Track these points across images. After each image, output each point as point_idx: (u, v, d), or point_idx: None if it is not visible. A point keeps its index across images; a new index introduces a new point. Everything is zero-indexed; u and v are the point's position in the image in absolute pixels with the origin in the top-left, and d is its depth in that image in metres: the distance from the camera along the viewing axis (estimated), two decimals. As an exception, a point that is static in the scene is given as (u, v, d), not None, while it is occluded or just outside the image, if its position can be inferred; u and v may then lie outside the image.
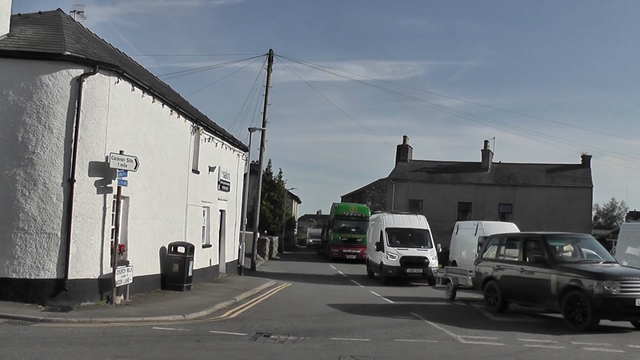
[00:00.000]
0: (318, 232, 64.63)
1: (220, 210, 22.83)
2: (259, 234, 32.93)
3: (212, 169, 21.13)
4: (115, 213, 13.68)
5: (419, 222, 26.07)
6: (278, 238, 48.35)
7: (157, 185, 16.31)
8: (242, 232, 26.09)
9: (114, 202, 13.69)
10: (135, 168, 13.75)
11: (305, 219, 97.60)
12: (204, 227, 20.94)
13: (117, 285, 13.34)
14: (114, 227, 13.72)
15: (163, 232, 16.80)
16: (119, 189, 13.58)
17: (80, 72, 13.08)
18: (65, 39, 13.69)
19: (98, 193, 13.36)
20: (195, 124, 19.20)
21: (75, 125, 12.92)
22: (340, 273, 29.28)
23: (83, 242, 12.98)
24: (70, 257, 12.71)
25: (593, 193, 42.30)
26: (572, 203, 41.58)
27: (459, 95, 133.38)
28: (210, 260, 21.16)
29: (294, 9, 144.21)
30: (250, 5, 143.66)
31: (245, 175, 27.74)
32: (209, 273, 20.75)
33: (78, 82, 13.00)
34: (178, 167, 17.93)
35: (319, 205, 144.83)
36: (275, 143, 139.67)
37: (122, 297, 13.82)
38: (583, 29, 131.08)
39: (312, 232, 72.90)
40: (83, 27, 16.65)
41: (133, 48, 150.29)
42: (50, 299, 12.50)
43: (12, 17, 14.22)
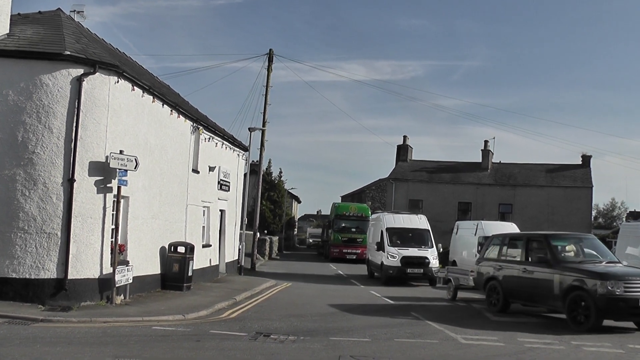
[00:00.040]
0: (318, 232, 64.65)
1: (220, 210, 22.84)
2: (259, 234, 32.94)
3: (212, 169, 21.13)
4: (115, 213, 13.68)
5: (420, 222, 25.96)
6: (278, 238, 48.36)
7: (157, 185, 16.31)
8: (242, 232, 26.09)
9: (114, 201, 13.69)
10: (135, 168, 13.75)
11: (305, 219, 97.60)
12: (204, 227, 20.94)
13: (117, 285, 13.34)
14: (114, 226, 13.73)
15: (163, 231, 16.81)
16: (119, 189, 13.58)
17: (80, 71, 13.08)
18: (65, 39, 13.69)
19: (98, 193, 13.37)
20: (195, 124, 19.20)
21: (75, 125, 12.93)
22: (340, 273, 29.29)
23: (83, 241, 12.98)
24: (70, 256, 12.71)
25: (593, 193, 42.34)
26: (572, 203, 41.57)
27: (459, 95, 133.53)
28: (210, 260, 21.17)
29: (294, 9, 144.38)
30: (250, 5, 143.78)
31: (245, 175, 27.75)
32: (209, 273, 20.76)
33: (78, 81, 13.00)
34: (178, 166, 17.93)
35: (319, 205, 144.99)
36: (275, 143, 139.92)
37: (122, 296, 13.82)
38: (583, 29, 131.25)
39: (312, 232, 72.93)
40: (83, 26, 16.64)
41: (133, 48, 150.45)
42: (50, 299, 12.50)
43: (12, 16, 14.22)
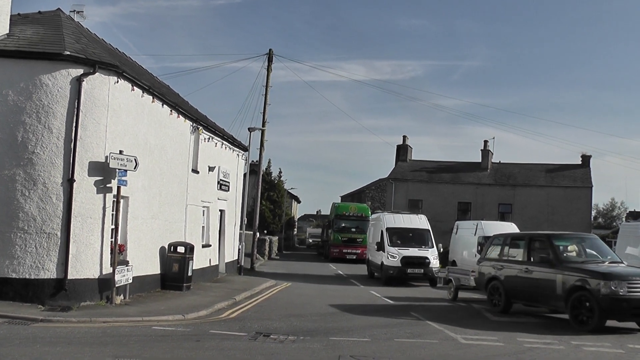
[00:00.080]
0: (318, 232, 64.67)
1: (220, 210, 22.84)
2: (259, 234, 32.93)
3: (211, 169, 21.13)
4: (115, 213, 13.68)
5: (420, 221, 25.85)
6: (278, 238, 48.36)
7: (156, 185, 16.31)
8: (241, 231, 26.09)
9: (114, 201, 13.69)
10: (135, 168, 13.75)
11: (305, 219, 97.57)
12: (204, 227, 20.94)
13: (116, 285, 13.34)
14: (114, 226, 13.73)
15: (163, 232, 16.80)
16: (119, 189, 13.58)
17: (80, 71, 13.08)
18: (65, 39, 13.69)
19: (98, 193, 13.37)
20: (195, 124, 19.20)
21: (75, 125, 12.93)
22: (340, 273, 29.29)
23: (83, 242, 12.98)
24: (70, 257, 12.71)
25: (593, 193, 42.33)
26: (571, 203, 41.57)
27: (459, 95, 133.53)
28: (210, 260, 21.16)
29: (294, 9, 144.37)
30: (250, 5, 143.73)
31: (245, 175, 27.76)
32: (209, 273, 20.76)
33: (78, 81, 13.00)
34: (178, 166, 17.93)
35: (319, 205, 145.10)
36: (275, 143, 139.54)
37: (121, 296, 13.82)
38: (583, 29, 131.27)
39: (311, 231, 72.94)
40: (83, 26, 16.64)
41: (133, 48, 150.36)
42: (50, 299, 12.50)
43: (11, 16, 14.22)
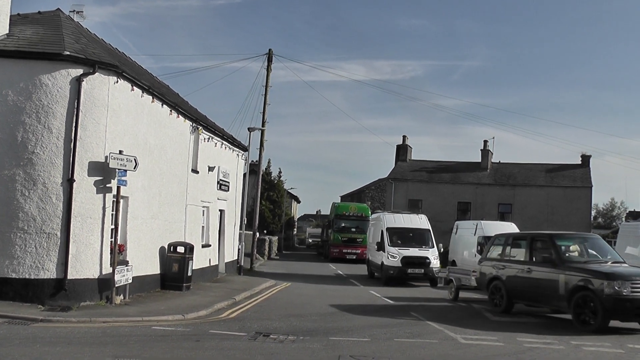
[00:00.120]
0: (317, 231, 64.67)
1: (220, 210, 22.83)
2: (258, 234, 32.92)
3: (211, 169, 21.13)
4: (115, 213, 13.68)
5: (421, 221, 25.73)
6: (277, 238, 48.36)
7: (156, 185, 16.31)
8: (241, 231, 26.08)
9: (114, 201, 13.69)
10: (135, 168, 13.75)
11: (305, 219, 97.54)
12: (204, 226, 20.94)
13: (116, 285, 13.34)
14: (114, 226, 13.73)
15: (162, 231, 16.80)
16: (119, 189, 13.58)
17: (80, 72, 13.08)
18: (65, 39, 13.68)
19: (97, 193, 13.37)
20: (195, 124, 19.20)
21: (75, 125, 12.93)
22: (340, 273, 29.28)
23: (82, 242, 12.98)
24: (70, 257, 12.71)
25: (592, 193, 42.36)
26: (571, 203, 41.58)
27: (459, 95, 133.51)
28: (210, 260, 21.16)
29: (294, 9, 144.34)
30: (250, 5, 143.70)
31: (245, 175, 27.75)
32: (209, 273, 20.76)
33: (77, 82, 13.00)
34: (177, 166, 17.93)
35: (319, 205, 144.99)
36: (275, 143, 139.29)
37: (121, 296, 13.82)
38: (583, 29, 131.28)
39: (311, 231, 72.93)
40: (82, 27, 16.64)
41: (132, 48, 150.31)
42: (50, 299, 12.50)
43: (11, 16, 14.22)
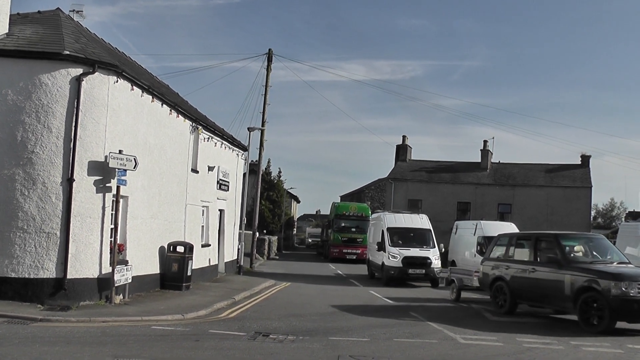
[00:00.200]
0: (317, 231, 64.71)
1: (220, 210, 22.83)
2: (258, 234, 32.93)
3: (211, 169, 21.13)
4: (115, 212, 13.68)
5: (421, 221, 25.55)
6: (277, 238, 48.38)
7: (156, 185, 16.30)
8: (241, 231, 26.08)
9: (113, 201, 13.69)
10: (135, 167, 13.75)
11: (305, 219, 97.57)
12: (203, 226, 20.94)
13: (116, 285, 13.34)
14: (113, 226, 13.73)
15: (162, 231, 16.80)
16: (118, 189, 13.58)
17: (80, 71, 13.07)
18: (65, 39, 13.68)
19: (97, 192, 13.36)
20: (195, 124, 19.19)
21: (75, 125, 12.92)
22: (340, 273, 29.28)
23: (82, 241, 12.98)
24: (70, 256, 12.70)
25: (592, 193, 42.28)
26: (571, 203, 41.56)
27: (459, 95, 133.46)
28: (209, 260, 21.16)
29: (294, 9, 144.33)
30: (250, 5, 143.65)
31: (245, 175, 27.75)
32: (208, 272, 20.76)
33: (77, 81, 13.00)
34: (177, 166, 17.93)
35: (318, 205, 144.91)
36: (275, 143, 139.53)
37: (121, 296, 13.82)
38: (583, 29, 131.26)
39: (311, 231, 72.96)
40: (82, 26, 16.64)
41: (132, 47, 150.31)
42: (49, 298, 12.49)
43: (11, 16, 14.21)
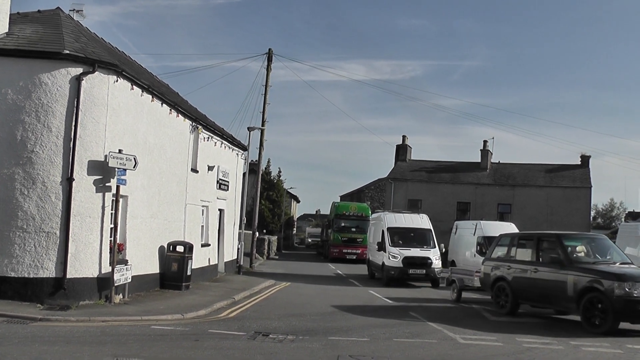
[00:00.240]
0: (317, 231, 64.68)
1: (219, 210, 22.83)
2: (258, 234, 32.93)
3: (211, 168, 21.12)
4: (114, 212, 13.67)
5: (422, 221, 25.44)
6: (277, 237, 48.38)
7: (156, 184, 16.30)
8: (240, 231, 26.07)
9: (113, 201, 13.68)
10: (134, 167, 13.74)
11: (304, 219, 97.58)
12: (203, 226, 20.93)
13: (115, 284, 13.33)
14: (113, 226, 13.73)
15: (162, 231, 16.79)
16: (118, 188, 13.57)
17: (80, 70, 13.07)
18: (65, 38, 13.67)
19: (97, 192, 13.36)
20: (194, 123, 19.19)
21: (74, 124, 12.91)
22: (340, 273, 29.26)
23: (82, 241, 12.97)
24: (69, 256, 12.69)
25: (592, 193, 42.31)
26: (571, 203, 41.57)
27: (459, 95, 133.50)
28: (209, 260, 21.16)
29: (294, 9, 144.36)
30: (250, 5, 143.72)
31: (244, 175, 27.74)
32: (208, 272, 20.75)
33: (77, 80, 12.99)
34: (177, 166, 17.92)
35: (318, 205, 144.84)
36: (275, 142, 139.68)
37: (120, 296, 13.82)
38: (583, 29, 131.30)
39: (311, 231, 72.90)
40: (82, 25, 16.63)
41: (132, 47, 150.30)
42: (49, 298, 12.48)
43: (11, 15, 14.19)
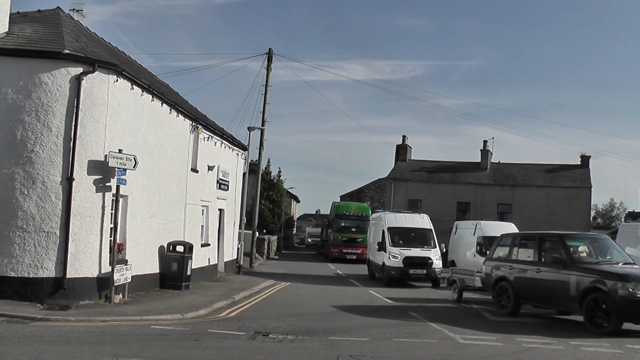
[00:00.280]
0: (317, 231, 64.68)
1: (219, 210, 22.82)
2: (258, 233, 32.92)
3: (211, 168, 21.12)
4: (114, 212, 13.67)
5: (422, 221, 25.34)
6: (277, 237, 48.39)
7: (156, 184, 16.29)
8: (240, 231, 26.07)
9: (113, 200, 13.68)
10: (134, 167, 13.74)
11: (304, 219, 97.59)
12: (203, 226, 20.93)
13: (115, 284, 13.33)
14: (113, 225, 13.73)
15: (162, 231, 16.79)
16: (118, 188, 13.57)
17: (80, 70, 13.06)
18: (65, 38, 13.67)
19: (97, 192, 13.35)
20: (194, 123, 19.18)
21: (74, 124, 12.91)
22: (340, 273, 29.26)
23: (82, 240, 12.97)
24: (69, 255, 12.69)
25: (592, 193, 42.34)
26: (571, 203, 41.57)
27: (459, 95, 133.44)
28: (209, 259, 21.16)
29: (294, 9, 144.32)
30: (250, 5, 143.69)
31: (244, 175, 27.73)
32: (208, 272, 20.75)
33: (77, 80, 12.99)
34: (177, 166, 17.92)
35: (318, 205, 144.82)
36: (275, 142, 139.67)
37: (120, 296, 13.82)
38: (583, 29, 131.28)
39: (311, 231, 72.89)
40: (82, 25, 16.62)
41: (132, 47, 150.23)
42: (49, 298, 12.48)
43: (11, 15, 14.19)
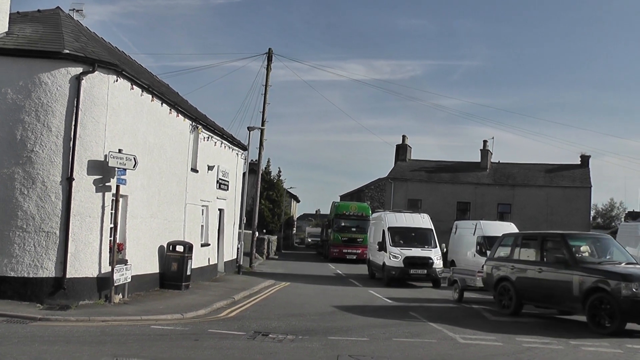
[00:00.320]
0: (317, 231, 64.68)
1: (219, 209, 22.82)
2: (258, 233, 32.92)
3: (211, 168, 21.12)
4: (114, 212, 13.67)
5: (423, 221, 25.24)
6: (277, 237, 48.40)
7: (155, 184, 16.29)
8: (240, 231, 26.07)
9: (113, 200, 13.68)
10: (134, 167, 13.74)
11: (304, 218, 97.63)
12: (203, 226, 20.93)
13: (115, 284, 13.33)
14: (113, 225, 13.73)
15: (162, 230, 16.79)
16: (118, 188, 13.57)
17: (79, 70, 13.06)
18: (64, 38, 13.67)
19: (97, 192, 13.35)
20: (194, 123, 19.18)
21: (74, 124, 12.91)
22: (340, 273, 29.25)
23: (82, 240, 12.97)
24: (69, 255, 12.69)
25: (592, 193, 42.34)
26: (571, 203, 41.57)
27: (459, 95, 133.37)
28: (209, 259, 21.16)
29: (294, 8, 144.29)
30: (250, 4, 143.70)
31: (244, 174, 27.74)
32: (208, 272, 20.75)
33: (77, 80, 12.99)
34: (177, 165, 17.92)
35: (318, 205, 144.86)
36: (275, 142, 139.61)
37: (120, 295, 13.82)
38: (583, 29, 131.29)
39: (310, 231, 72.90)
40: (82, 25, 16.62)
41: (132, 47, 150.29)
42: (49, 298, 12.48)
43: (10, 15, 14.19)
